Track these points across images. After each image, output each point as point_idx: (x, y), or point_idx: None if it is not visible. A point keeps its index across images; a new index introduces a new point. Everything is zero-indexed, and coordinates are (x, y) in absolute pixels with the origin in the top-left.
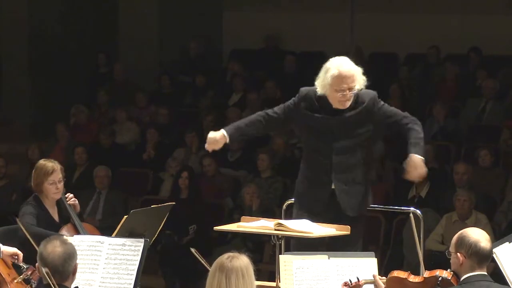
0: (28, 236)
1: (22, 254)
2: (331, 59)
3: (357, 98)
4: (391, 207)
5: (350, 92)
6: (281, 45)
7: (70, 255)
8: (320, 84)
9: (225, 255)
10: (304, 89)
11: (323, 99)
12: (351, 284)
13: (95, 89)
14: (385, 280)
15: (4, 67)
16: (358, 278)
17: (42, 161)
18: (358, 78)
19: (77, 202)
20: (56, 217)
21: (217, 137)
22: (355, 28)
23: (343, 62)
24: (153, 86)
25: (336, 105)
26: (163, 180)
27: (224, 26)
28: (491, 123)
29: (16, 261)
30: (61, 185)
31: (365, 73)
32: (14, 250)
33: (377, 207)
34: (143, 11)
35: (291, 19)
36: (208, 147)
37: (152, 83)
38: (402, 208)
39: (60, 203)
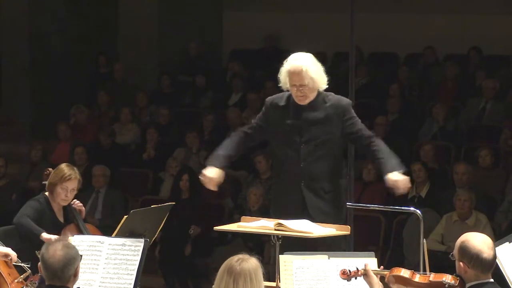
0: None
1: (15, 254)
2: (292, 54)
3: (328, 101)
4: (391, 207)
5: (302, 88)
6: (281, 45)
7: (70, 260)
8: (282, 80)
9: (235, 258)
10: (268, 99)
11: (290, 97)
12: (350, 273)
13: (95, 89)
14: (385, 273)
15: (4, 67)
16: (357, 268)
17: (64, 165)
18: (309, 75)
19: (83, 208)
20: (61, 217)
21: (214, 176)
22: (355, 28)
23: (296, 58)
24: (153, 86)
25: (295, 99)
26: (163, 180)
27: (224, 26)
28: (491, 123)
29: (10, 261)
30: (71, 195)
31: (329, 73)
32: (6, 250)
33: (377, 207)
34: (143, 11)
35: (291, 19)
36: (209, 186)
37: (152, 83)
38: (402, 208)
39: (66, 206)
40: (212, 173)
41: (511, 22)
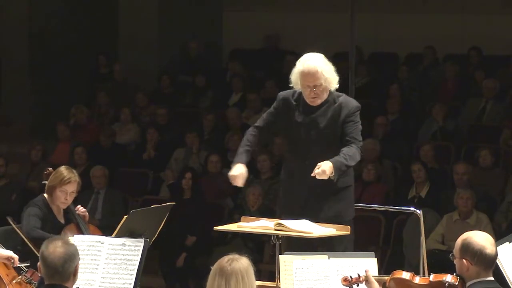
0: (25, 239)
1: (17, 257)
2: (304, 55)
3: (338, 101)
4: (391, 207)
5: (316, 90)
6: (281, 45)
7: (70, 256)
8: (293, 80)
9: (225, 258)
10: (281, 93)
11: (301, 95)
12: (351, 279)
13: (95, 89)
14: (386, 278)
15: (4, 67)
16: (358, 274)
17: (64, 168)
18: (324, 76)
19: (87, 214)
20: (61, 218)
21: (237, 173)
22: (355, 28)
23: (309, 58)
24: (153, 86)
25: (307, 100)
26: (163, 180)
27: (224, 26)
28: (491, 123)
29: (12, 264)
30: (70, 198)
31: (339, 72)
32: (9, 253)
33: (377, 207)
34: (143, 11)
35: (291, 19)
36: (238, 183)
37: (152, 83)
38: (402, 208)
39: (66, 208)
40: (240, 169)
41: (511, 22)
